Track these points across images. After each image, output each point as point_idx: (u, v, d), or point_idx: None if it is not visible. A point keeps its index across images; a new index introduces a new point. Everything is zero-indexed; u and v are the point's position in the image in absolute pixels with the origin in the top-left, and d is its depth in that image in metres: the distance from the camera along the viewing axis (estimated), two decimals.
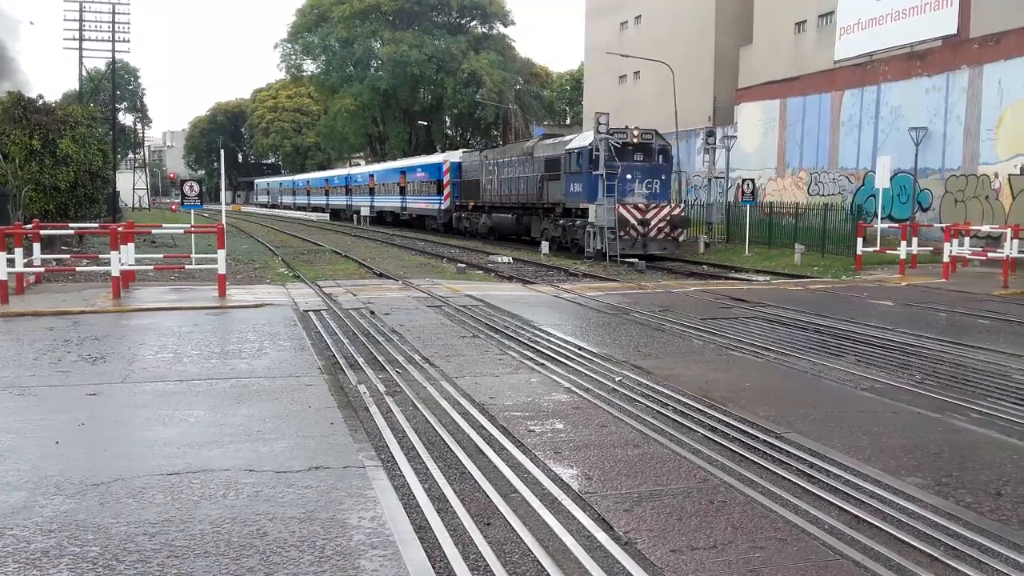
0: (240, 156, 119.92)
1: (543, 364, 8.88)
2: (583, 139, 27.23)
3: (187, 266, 17.22)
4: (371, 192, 55.89)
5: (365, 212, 54.83)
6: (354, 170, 64.86)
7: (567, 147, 27.53)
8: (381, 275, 19.62)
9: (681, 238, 26.57)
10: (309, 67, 79.64)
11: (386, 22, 71.93)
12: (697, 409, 7.04)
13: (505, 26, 75.02)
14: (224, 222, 16.71)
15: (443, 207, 41.46)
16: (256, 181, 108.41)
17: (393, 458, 5.73)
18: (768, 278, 19.96)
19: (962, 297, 15.71)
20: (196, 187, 17.95)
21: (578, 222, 26.39)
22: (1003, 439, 6.32)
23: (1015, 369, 8.94)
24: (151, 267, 17.68)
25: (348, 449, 5.87)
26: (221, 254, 14.32)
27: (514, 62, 73.43)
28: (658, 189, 26.35)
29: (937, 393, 7.74)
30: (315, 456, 5.68)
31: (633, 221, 25.07)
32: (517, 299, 14.74)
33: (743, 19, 39.90)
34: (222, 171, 29.64)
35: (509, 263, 23.67)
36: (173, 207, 70.98)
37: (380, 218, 53.78)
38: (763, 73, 36.87)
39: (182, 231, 20.44)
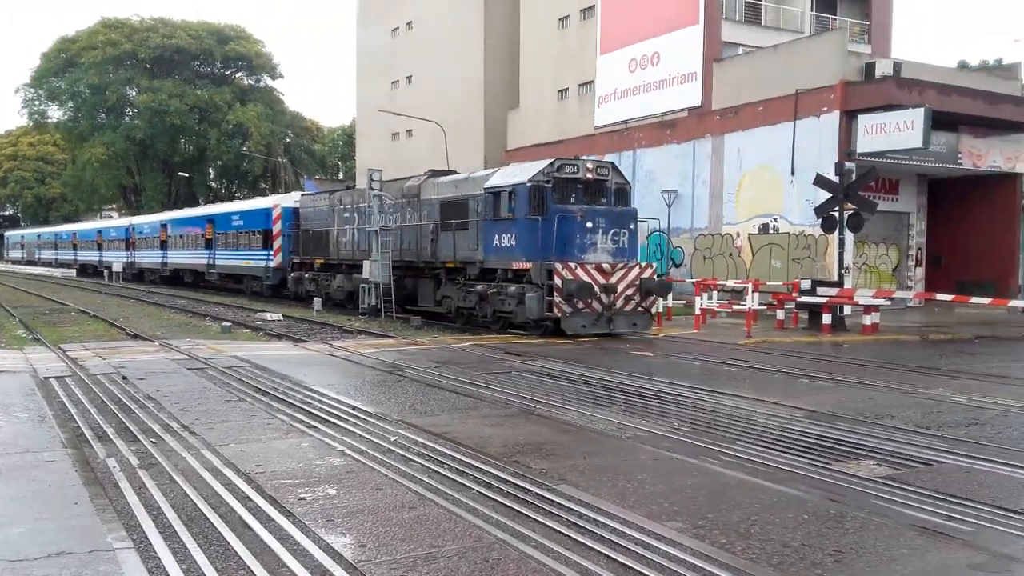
0: None
1: (315, 427, 8.56)
2: (512, 173, 19.88)
3: None
4: (163, 246, 45.64)
5: (155, 268, 46.36)
6: (139, 219, 52.83)
7: (486, 185, 19.82)
8: (135, 336, 18.26)
9: (654, 308, 19.79)
10: (55, 113, 73.99)
11: (143, 70, 68.47)
12: (473, 466, 7.04)
13: (273, 79, 73.86)
14: None
15: (272, 264, 32.48)
16: (7, 234, 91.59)
17: (147, 538, 5.24)
18: (540, 334, 20.62)
19: (712, 347, 17.01)
20: None
21: (511, 289, 18.76)
22: (751, 480, 6.81)
23: (759, 413, 9.74)
24: None
25: (95, 531, 5.32)
26: None
27: (283, 115, 72.30)
28: (625, 243, 18.91)
29: (693, 439, 8.25)
30: (56, 541, 5.10)
31: (596, 289, 17.95)
32: (288, 359, 14.21)
33: (511, 83, 41.72)
34: None
35: (279, 321, 22.86)
36: None
37: (176, 278, 44.29)
38: (531, 136, 38.58)
39: None
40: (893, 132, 22.76)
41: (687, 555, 5.05)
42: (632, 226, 19.22)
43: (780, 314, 21.27)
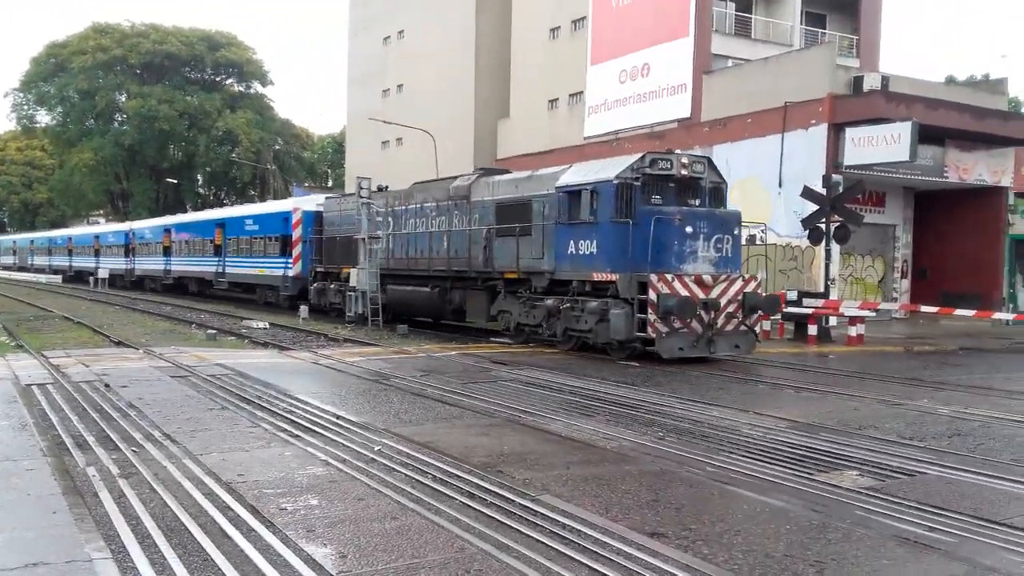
0: None
1: (298, 436, 8.51)
2: (590, 170, 17.10)
3: None
4: (166, 252, 43.09)
5: (157, 275, 43.65)
6: (141, 224, 50.19)
7: (559, 183, 17.23)
8: (119, 343, 18.15)
9: (758, 327, 17.10)
10: (44, 118, 73.71)
11: (133, 75, 68.33)
12: (456, 476, 7.01)
13: (264, 85, 73.86)
14: None
15: (291, 273, 29.57)
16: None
17: (125, 548, 5.19)
18: (525, 341, 20.60)
19: (698, 356, 17.00)
20: None
21: (592, 304, 16.33)
22: (735, 491, 6.81)
23: (744, 424, 9.75)
24: None
25: (73, 541, 5.25)
26: None
27: (273, 122, 72.26)
28: (729, 251, 16.21)
29: (677, 449, 8.24)
30: (33, 551, 5.03)
31: (697, 304, 15.40)
32: (272, 367, 14.15)
33: (501, 93, 41.83)
34: None
35: (265, 328, 22.77)
36: None
37: (180, 287, 41.67)
38: (521, 145, 38.68)
39: None
40: (880, 145, 22.92)
41: (670, 566, 5.03)
42: (736, 231, 16.48)
43: (766, 325, 21.33)
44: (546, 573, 4.88)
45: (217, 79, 72.66)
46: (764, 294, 17.06)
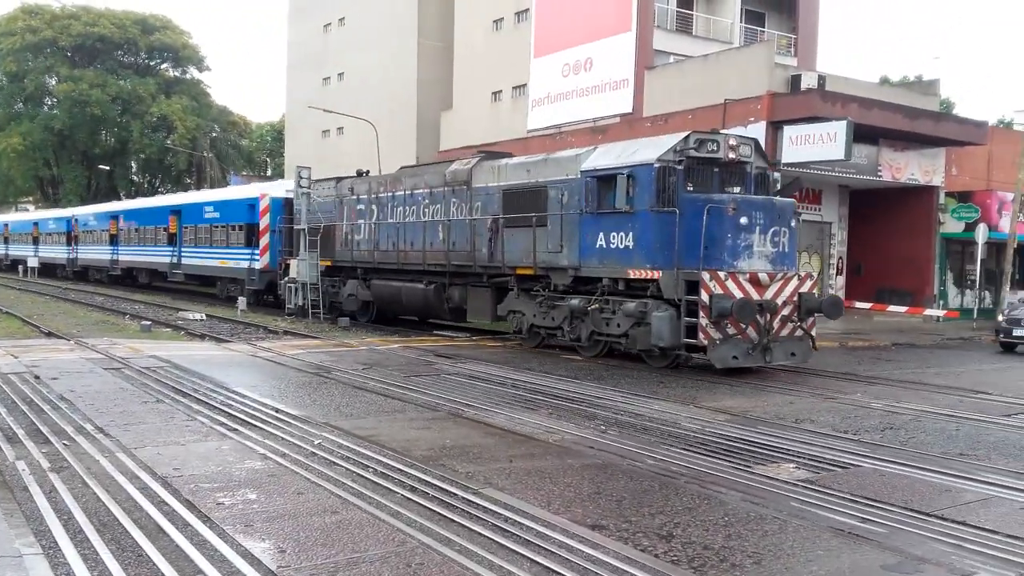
0: None
1: (236, 429, 8.36)
2: (623, 151, 15.12)
3: None
4: (113, 240, 39.90)
5: (103, 266, 40.66)
6: (84, 210, 46.58)
7: (586, 167, 15.33)
8: (50, 334, 17.61)
9: (813, 331, 14.92)
10: None
11: (64, 58, 66.11)
12: (398, 469, 6.97)
13: (200, 71, 72.10)
14: None
15: (258, 265, 26.80)
16: None
17: (57, 544, 5.04)
18: (468, 335, 20.57)
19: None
20: None
21: (629, 305, 14.44)
22: (675, 483, 6.89)
23: (684, 417, 9.88)
24: None
25: (2, 536, 5.09)
26: None
27: (210, 109, 70.63)
28: (786, 246, 14.38)
29: (618, 442, 8.31)
30: None
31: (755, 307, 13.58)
32: (209, 359, 13.87)
33: (444, 83, 41.58)
34: None
35: (201, 320, 22.32)
36: None
37: (129, 278, 38.91)
38: (464, 136, 38.49)
39: None
40: (817, 143, 23.36)
41: (610, 558, 5.07)
42: (793, 223, 14.65)
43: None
44: (488, 566, 4.88)
45: (151, 64, 70.77)
46: (829, 295, 14.98)
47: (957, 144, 27.03)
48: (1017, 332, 19.47)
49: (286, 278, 24.24)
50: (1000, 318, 20.77)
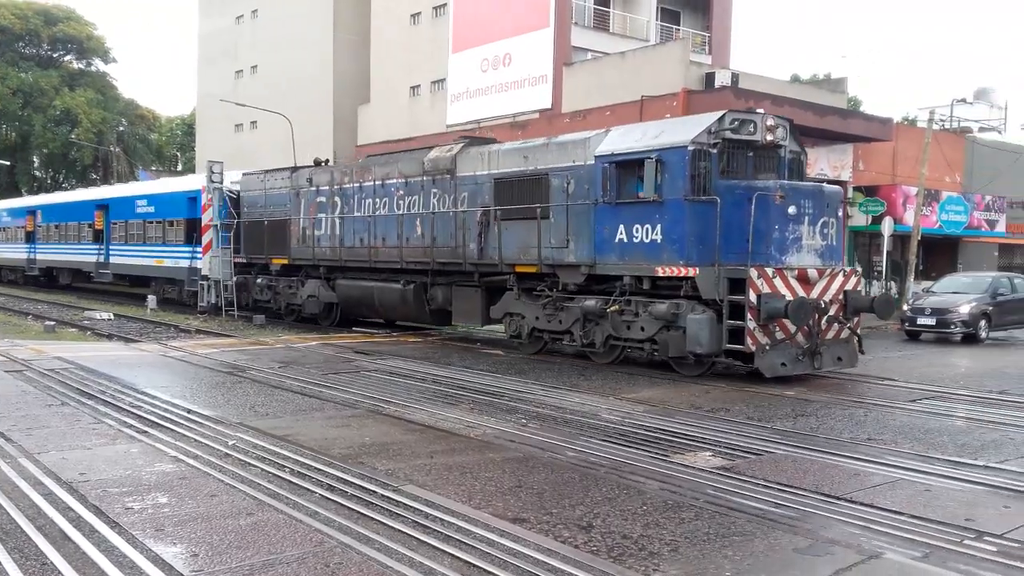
0: None
1: (146, 432, 8.08)
2: (647, 133, 13.35)
3: None
4: (30, 238, 37.13)
5: (18, 266, 37.59)
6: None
7: (600, 151, 13.58)
8: None
9: (860, 330, 13.52)
10: None
11: None
12: (316, 469, 6.84)
13: (106, 63, 69.57)
14: None
15: (199, 265, 24.24)
16: None
17: None
18: (388, 331, 20.39)
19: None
20: None
21: (659, 307, 12.78)
22: (595, 473, 6.94)
23: (603, 409, 9.97)
24: None
25: None
26: None
27: (116, 102, 68.22)
28: (834, 239, 13.10)
29: (539, 435, 8.33)
30: None
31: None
32: (117, 360, 13.40)
33: (361, 77, 41.07)
34: None
35: (109, 320, 21.55)
36: None
37: (49, 278, 36.35)
38: (382, 131, 38.10)
39: None
40: None
41: (531, 550, 5.07)
42: (840, 213, 13.36)
43: None
44: (408, 563, 4.82)
45: (55, 55, 67.95)
46: (882, 294, 13.44)
47: (864, 140, 27.95)
48: (921, 321, 20.21)
49: (237, 277, 22.70)
50: (905, 308, 21.53)
